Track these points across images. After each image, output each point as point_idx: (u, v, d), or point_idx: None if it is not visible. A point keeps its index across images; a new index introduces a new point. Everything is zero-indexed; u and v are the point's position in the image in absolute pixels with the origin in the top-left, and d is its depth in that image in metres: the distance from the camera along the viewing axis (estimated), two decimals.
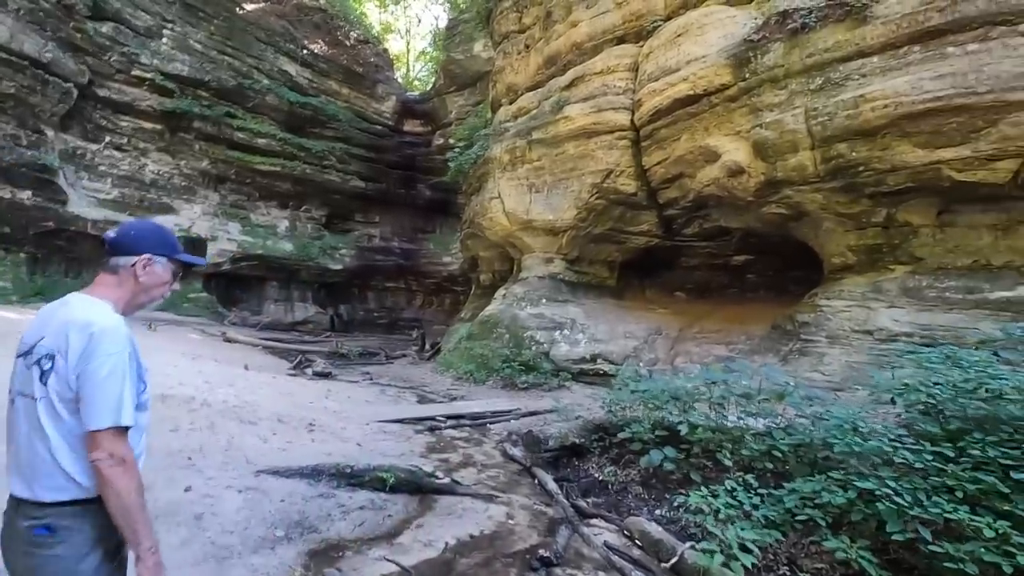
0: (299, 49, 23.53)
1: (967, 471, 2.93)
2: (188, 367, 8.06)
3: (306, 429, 5.77)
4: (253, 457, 4.60)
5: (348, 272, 25.19)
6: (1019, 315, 6.69)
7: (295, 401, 7.09)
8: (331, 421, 6.28)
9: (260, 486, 3.95)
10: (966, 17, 6.56)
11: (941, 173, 7.06)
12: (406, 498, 4.20)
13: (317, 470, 4.34)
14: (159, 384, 6.08)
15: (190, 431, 5.01)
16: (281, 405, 6.66)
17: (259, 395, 6.97)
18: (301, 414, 6.34)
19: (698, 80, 9.00)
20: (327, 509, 3.76)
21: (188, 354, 9.67)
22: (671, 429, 4.79)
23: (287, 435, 5.45)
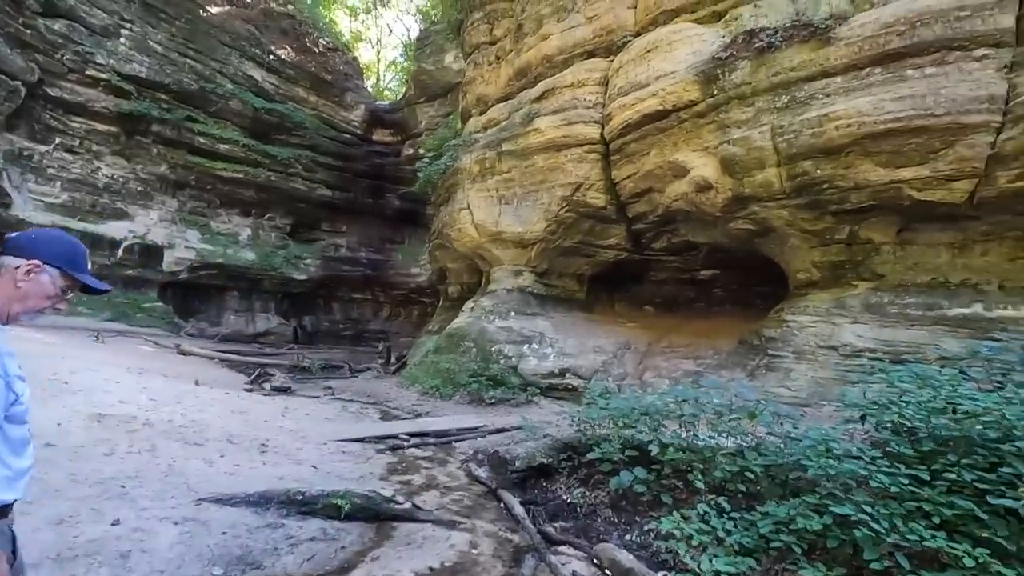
0: (265, 54, 23.03)
1: (943, 495, 2.85)
2: (132, 383, 7.56)
3: (258, 450, 5.42)
4: (196, 483, 4.25)
5: (313, 282, 24.55)
6: (976, 332, 6.84)
7: (248, 419, 6.70)
8: (286, 441, 5.93)
9: (200, 516, 3.62)
10: (924, 41, 6.74)
11: (901, 192, 7.21)
12: (362, 526, 3.92)
13: (265, 497, 4.03)
14: (96, 402, 5.64)
15: (127, 455, 4.62)
16: (232, 424, 6.27)
17: (209, 413, 6.56)
18: (254, 434, 5.97)
19: (667, 96, 9.04)
20: (274, 541, 3.46)
21: (135, 368, 9.12)
22: (641, 448, 4.65)
23: (236, 457, 5.09)
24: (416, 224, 26.43)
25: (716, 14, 9.14)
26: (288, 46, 24.54)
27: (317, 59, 25.69)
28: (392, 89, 37.53)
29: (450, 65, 23.08)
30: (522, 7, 12.56)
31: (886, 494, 3.06)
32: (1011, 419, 2.89)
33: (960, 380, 3.66)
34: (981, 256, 7.36)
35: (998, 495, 2.69)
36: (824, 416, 6.54)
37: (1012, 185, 6.62)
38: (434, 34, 23.71)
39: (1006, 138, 6.46)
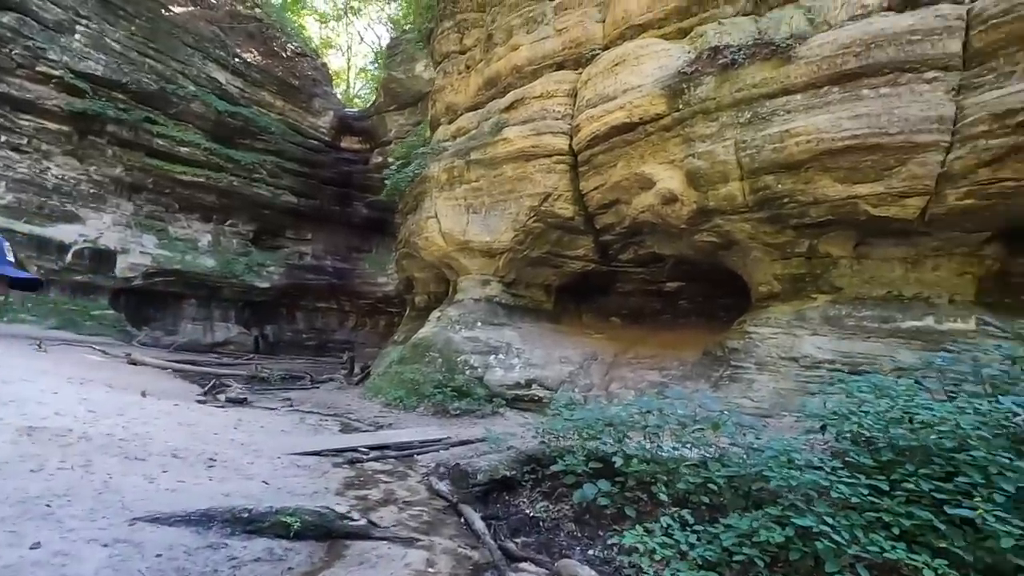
0: (230, 57, 22.50)
1: (902, 505, 2.85)
2: (72, 394, 7.11)
3: (205, 465, 5.12)
4: (133, 501, 3.96)
5: (276, 291, 23.89)
6: (928, 344, 7.04)
7: (197, 432, 6.36)
8: (237, 455, 5.64)
9: (134, 537, 3.36)
10: (878, 63, 6.98)
11: (858, 207, 7.42)
12: (312, 545, 3.71)
13: (208, 515, 3.78)
14: (28, 415, 5.26)
15: (58, 471, 4.28)
16: (179, 437, 5.93)
17: (154, 426, 6.20)
18: (202, 447, 5.66)
19: (634, 109, 9.14)
20: (214, 563, 3.23)
21: (77, 379, 8.60)
22: (605, 460, 4.57)
23: (181, 473, 4.79)
24: (384, 233, 26.09)
25: (682, 30, 9.31)
26: (254, 49, 24.05)
27: (285, 64, 25.24)
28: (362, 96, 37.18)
29: (420, 74, 22.99)
30: (492, 17, 12.58)
31: (847, 504, 3.04)
32: (966, 428, 2.92)
33: (916, 391, 3.71)
34: (932, 271, 7.61)
35: (955, 505, 2.70)
36: (785, 426, 6.60)
37: (960, 203, 6.88)
38: (405, 42, 23.59)
39: (954, 157, 6.71)
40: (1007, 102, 6.24)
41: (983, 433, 2.90)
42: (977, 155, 6.52)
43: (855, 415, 3.54)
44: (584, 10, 10.69)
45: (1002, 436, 3.00)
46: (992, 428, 3.02)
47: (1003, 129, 6.29)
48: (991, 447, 2.85)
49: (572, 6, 10.90)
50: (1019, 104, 6.11)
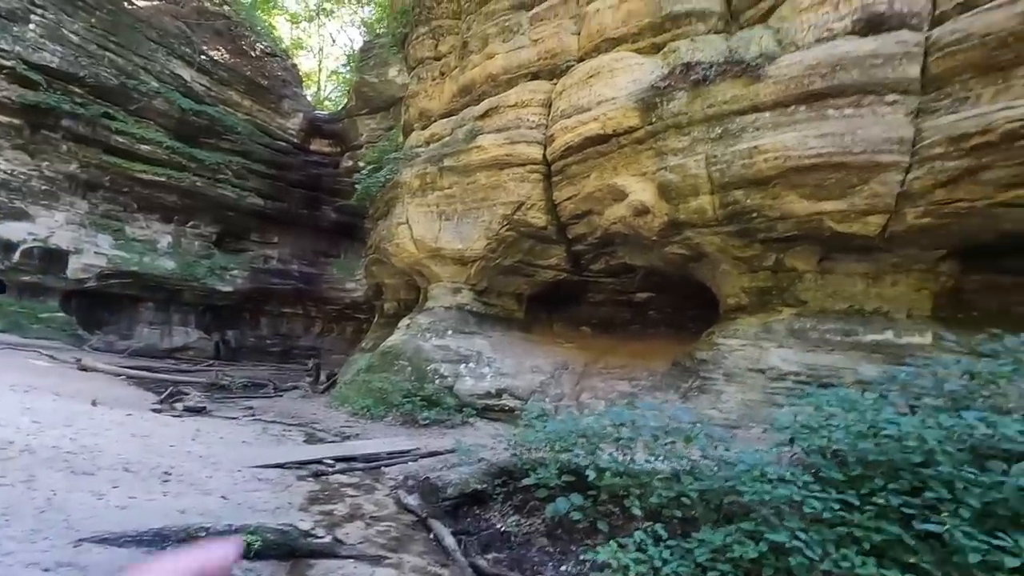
0: (196, 54, 21.86)
1: (871, 520, 2.88)
2: (14, 403, 6.69)
3: (159, 480, 4.87)
4: (79, 520, 3.72)
5: (239, 295, 23.19)
6: (888, 357, 7.26)
7: (151, 444, 6.05)
8: (194, 468, 5.38)
9: (79, 560, 3.14)
10: (843, 84, 7.20)
11: (823, 224, 7.62)
12: (274, 565, 3.54)
13: (161, 534, 3.57)
14: None
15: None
16: (132, 450, 5.63)
17: (104, 438, 5.87)
18: (156, 460, 5.38)
19: (608, 121, 9.22)
20: None
21: (20, 386, 8.12)
22: (578, 473, 4.53)
23: (133, 488, 4.53)
24: (353, 238, 25.67)
25: (655, 46, 9.45)
26: (222, 47, 23.44)
27: (253, 63, 24.68)
28: (333, 99, 36.66)
29: (393, 78, 22.74)
30: (468, 25, 12.56)
31: (818, 519, 3.07)
32: (932, 443, 2.98)
33: (882, 405, 3.79)
34: (891, 286, 7.87)
35: (923, 520, 2.74)
36: (753, 437, 6.70)
37: (918, 221, 7.14)
38: (378, 47, 23.33)
39: (913, 178, 6.97)
40: (962, 126, 6.51)
41: (948, 448, 2.96)
42: (934, 176, 6.78)
43: (824, 429, 3.59)
44: (560, 22, 10.76)
45: (965, 450, 3.07)
46: (956, 442, 3.09)
47: (958, 152, 6.56)
48: (956, 462, 2.91)
49: (548, 17, 10.97)
50: (973, 129, 6.39)
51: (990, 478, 2.74)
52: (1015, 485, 2.69)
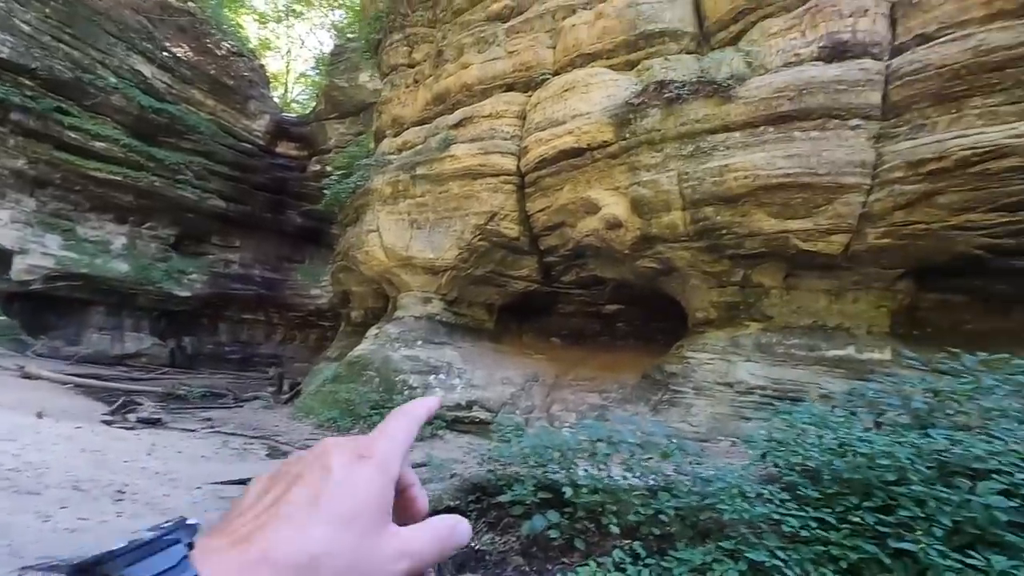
0: (158, 50, 21.12)
1: (848, 538, 2.93)
2: None
3: (112, 499, 4.59)
4: (23, 544, 3.45)
5: (198, 300, 22.34)
6: (849, 372, 7.50)
7: (103, 460, 5.72)
8: (150, 486, 5.10)
9: None
10: (809, 108, 7.48)
11: (789, 241, 7.85)
12: None
13: None
14: None
15: None
16: (82, 466, 5.30)
17: (51, 453, 5.51)
18: (109, 478, 5.08)
19: (583, 135, 9.31)
20: None
21: None
22: (554, 490, 4.48)
23: (82, 509, 4.25)
24: (319, 243, 25.14)
25: (629, 63, 9.62)
26: (186, 45, 22.71)
27: (219, 62, 23.99)
28: (300, 102, 35.98)
29: (364, 83, 22.55)
30: (443, 34, 12.53)
31: (796, 537, 3.10)
32: (904, 462, 3.05)
33: (852, 422, 3.88)
34: (852, 303, 8.16)
35: (897, 538, 2.80)
36: (722, 451, 6.80)
37: (878, 241, 7.43)
38: (349, 51, 23.10)
39: (874, 199, 7.26)
40: (919, 152, 6.83)
41: (919, 466, 3.04)
42: (894, 199, 7.08)
43: (799, 446, 3.65)
44: (536, 35, 10.84)
45: (934, 468, 3.16)
46: (925, 460, 3.18)
47: (916, 176, 6.88)
48: (927, 480, 2.99)
49: (524, 30, 11.04)
50: (930, 155, 6.71)
51: (959, 496, 2.82)
52: (982, 503, 2.77)
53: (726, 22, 8.87)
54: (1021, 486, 2.68)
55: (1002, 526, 2.61)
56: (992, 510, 2.63)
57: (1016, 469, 2.80)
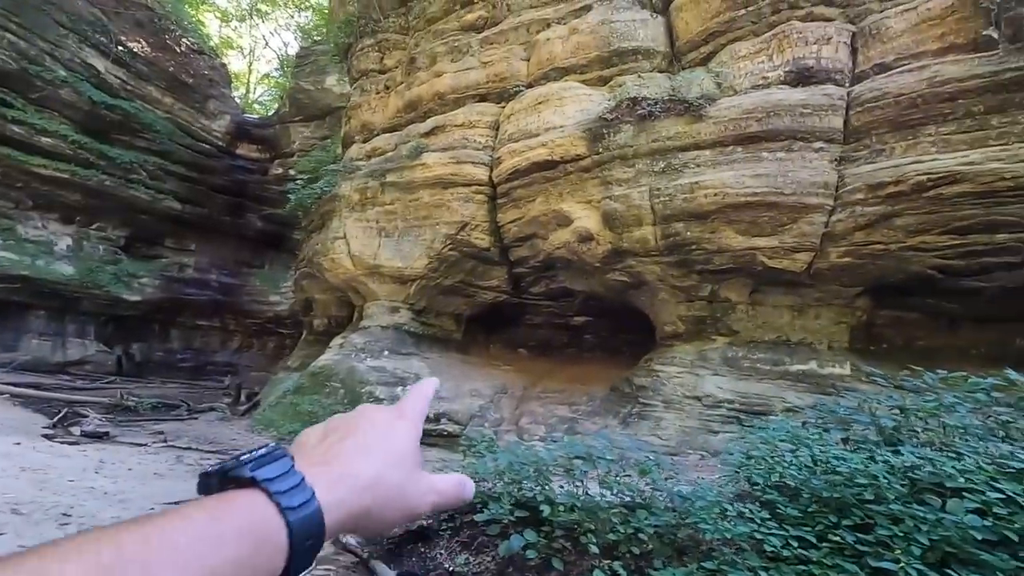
0: (113, 44, 20.23)
1: (829, 557, 2.96)
2: None
3: (56, 522, 4.25)
4: None
5: (149, 305, 21.33)
6: (812, 386, 7.72)
7: (46, 480, 5.31)
8: (98, 508, 4.76)
9: None
10: (776, 130, 7.72)
11: (756, 258, 8.06)
12: None
13: None
14: None
15: None
16: (21, 486, 4.91)
17: None
18: (53, 500, 4.71)
19: (556, 147, 9.35)
20: None
21: None
22: (531, 507, 4.41)
23: (25, 535, 3.92)
24: (280, 248, 24.48)
25: (602, 78, 9.75)
26: (143, 40, 21.85)
27: (178, 59, 23.17)
28: (263, 103, 35.10)
29: (332, 87, 22.18)
30: (416, 41, 12.43)
31: (778, 557, 3.12)
32: (881, 481, 3.12)
33: (825, 439, 3.96)
34: (814, 319, 8.43)
35: (876, 557, 2.84)
36: (691, 464, 6.86)
37: (840, 260, 7.71)
38: (316, 53, 22.69)
39: (836, 220, 7.54)
40: (878, 176, 7.14)
41: (896, 485, 3.11)
42: (854, 219, 7.36)
43: (778, 463, 3.69)
44: (510, 47, 10.87)
45: (906, 486, 3.24)
46: (898, 479, 3.26)
47: (875, 199, 7.17)
48: (901, 498, 3.06)
49: (498, 42, 11.06)
50: (888, 179, 7.01)
51: (934, 515, 2.89)
52: (955, 521, 2.85)
53: (697, 43, 9.10)
54: (993, 504, 2.76)
55: (976, 544, 2.68)
56: (967, 529, 2.69)
57: (987, 487, 2.89)
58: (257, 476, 0.46)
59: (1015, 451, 3.23)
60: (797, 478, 3.50)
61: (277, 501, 0.45)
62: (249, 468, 0.47)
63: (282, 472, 0.47)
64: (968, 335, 8.16)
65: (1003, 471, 3.00)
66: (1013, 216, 6.61)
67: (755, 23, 8.48)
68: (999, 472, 3.02)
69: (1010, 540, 2.63)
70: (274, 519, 0.44)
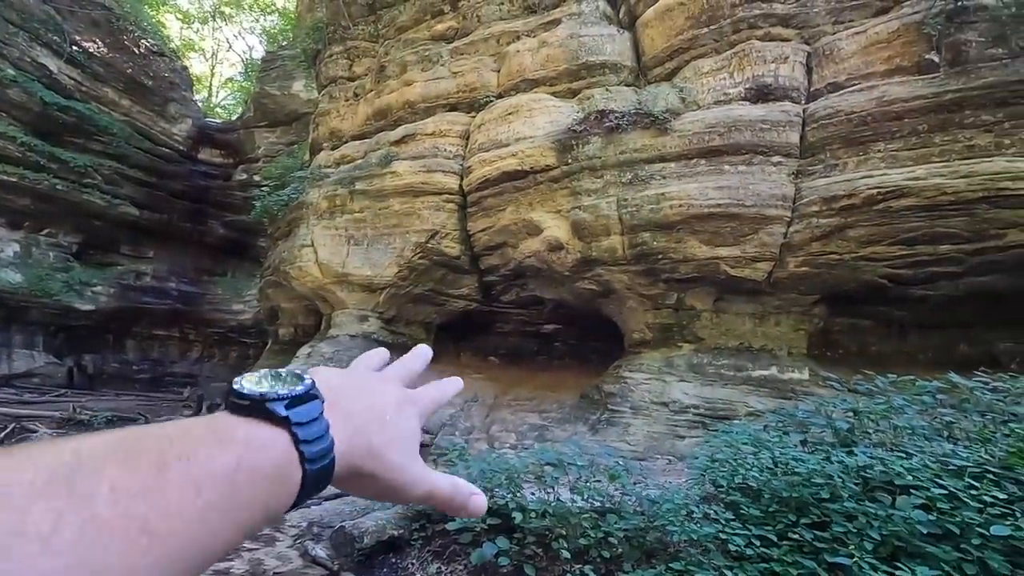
0: (67, 44, 19.50)
1: (788, 554, 3.10)
2: None
3: None
4: None
5: (103, 314, 20.49)
6: (773, 391, 8.00)
7: None
8: None
9: None
10: (737, 144, 8.02)
11: (719, 267, 8.32)
12: None
13: None
14: None
15: None
16: None
17: None
18: None
19: (526, 157, 9.47)
20: None
21: None
22: (503, 515, 4.45)
23: None
24: (243, 256, 23.91)
25: (571, 91, 9.93)
26: (99, 40, 21.13)
27: (136, 60, 22.47)
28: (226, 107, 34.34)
29: (298, 93, 21.87)
30: (386, 50, 12.42)
31: (741, 556, 3.24)
32: (837, 480, 3.28)
33: (786, 441, 4.14)
34: (775, 326, 8.74)
35: (832, 552, 2.99)
36: (659, 469, 7.01)
37: (798, 269, 8.03)
38: (283, 58, 22.36)
39: (794, 231, 7.86)
40: (832, 189, 7.49)
41: (849, 483, 3.28)
42: (811, 231, 7.69)
43: (741, 465, 3.83)
44: (480, 58, 10.98)
45: (860, 485, 3.42)
46: (852, 478, 3.44)
47: (830, 211, 7.52)
48: (855, 496, 3.23)
49: (468, 52, 11.15)
50: (842, 192, 7.36)
51: (884, 511, 3.06)
52: (903, 517, 3.02)
53: (662, 59, 9.38)
54: (938, 500, 2.94)
55: (922, 538, 2.85)
56: (914, 523, 2.86)
57: (931, 484, 3.07)
58: (292, 418, 0.46)
59: (957, 450, 3.44)
60: (759, 479, 3.64)
61: (302, 451, 0.46)
62: (282, 406, 0.47)
63: (312, 418, 0.48)
64: (916, 341, 8.60)
65: (946, 468, 3.19)
66: (954, 228, 7.04)
67: (717, 41, 8.80)
68: (943, 469, 3.21)
69: (953, 533, 2.81)
70: (294, 465, 0.45)
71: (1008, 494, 2.90)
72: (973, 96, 6.80)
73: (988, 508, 2.83)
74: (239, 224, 22.31)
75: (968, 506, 2.86)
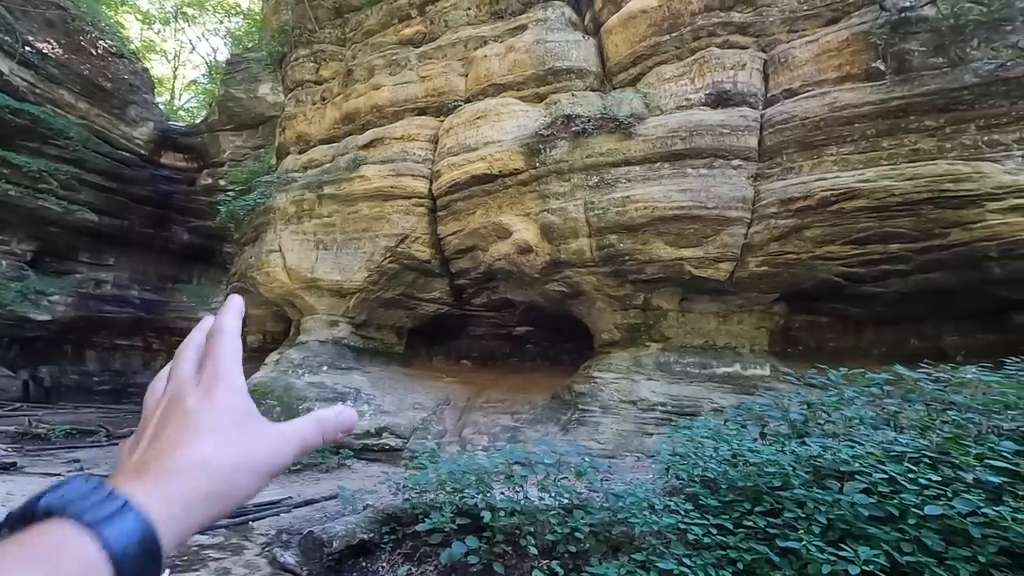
0: (19, 44, 18.82)
1: (743, 542, 3.24)
2: None
3: None
4: None
5: (60, 324, 19.78)
6: (736, 387, 8.25)
7: None
8: None
9: None
10: (699, 148, 8.26)
11: (683, 268, 8.54)
12: None
13: None
14: None
15: None
16: None
17: None
18: None
19: (494, 161, 9.56)
20: None
21: None
22: (473, 515, 4.50)
23: None
24: (209, 262, 23.39)
25: (538, 95, 10.07)
26: (54, 41, 20.44)
27: (94, 62, 21.80)
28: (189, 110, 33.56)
29: (264, 96, 21.55)
30: (353, 53, 12.37)
31: (700, 545, 3.37)
32: (787, 469, 3.44)
33: (744, 434, 4.30)
34: (738, 324, 9.01)
35: (783, 537, 3.14)
36: (628, 466, 7.15)
37: (758, 269, 8.31)
38: (248, 61, 22.02)
39: (754, 232, 8.13)
40: (789, 191, 7.77)
41: (800, 472, 3.45)
42: (769, 231, 7.97)
43: (700, 458, 3.98)
44: (448, 63, 11.03)
45: (811, 473, 3.59)
46: (804, 467, 3.61)
47: (787, 212, 7.80)
48: (805, 484, 3.39)
49: (436, 57, 11.19)
50: (798, 194, 7.65)
51: (831, 496, 3.23)
52: (848, 501, 3.19)
53: (626, 65, 9.60)
54: (879, 484, 3.12)
55: (865, 520, 3.02)
56: (856, 507, 3.03)
57: (874, 469, 3.25)
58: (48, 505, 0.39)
59: (899, 437, 3.65)
60: (717, 471, 3.79)
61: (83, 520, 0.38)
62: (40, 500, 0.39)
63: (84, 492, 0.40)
64: (870, 336, 8.98)
65: (888, 455, 3.38)
66: (902, 228, 7.39)
67: (678, 48, 9.05)
68: (886, 456, 3.40)
69: (893, 515, 2.98)
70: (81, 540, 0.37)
71: (943, 476, 3.09)
72: (917, 102, 7.17)
73: (925, 490, 3.01)
74: (204, 230, 21.84)
75: (907, 489, 3.04)
